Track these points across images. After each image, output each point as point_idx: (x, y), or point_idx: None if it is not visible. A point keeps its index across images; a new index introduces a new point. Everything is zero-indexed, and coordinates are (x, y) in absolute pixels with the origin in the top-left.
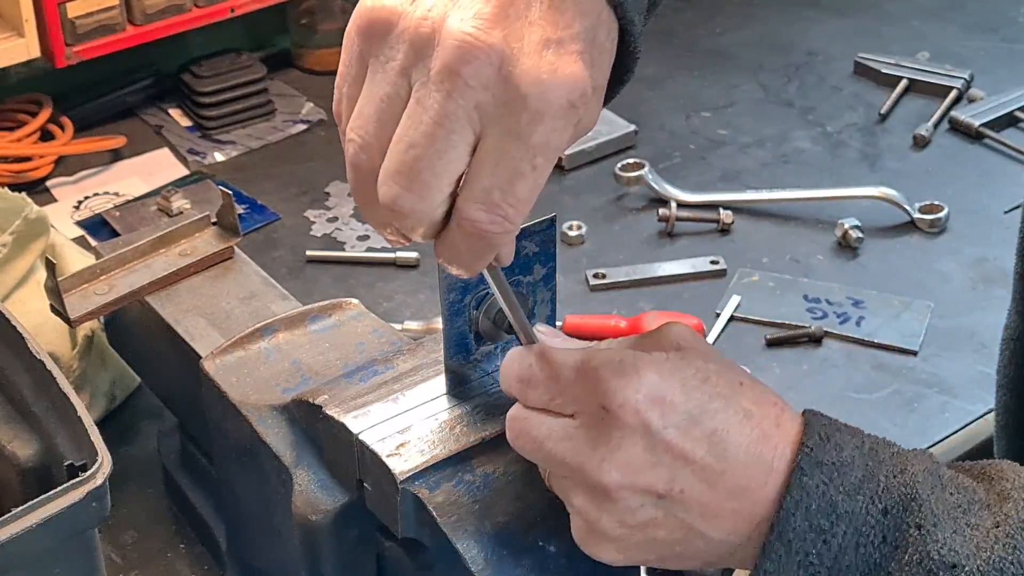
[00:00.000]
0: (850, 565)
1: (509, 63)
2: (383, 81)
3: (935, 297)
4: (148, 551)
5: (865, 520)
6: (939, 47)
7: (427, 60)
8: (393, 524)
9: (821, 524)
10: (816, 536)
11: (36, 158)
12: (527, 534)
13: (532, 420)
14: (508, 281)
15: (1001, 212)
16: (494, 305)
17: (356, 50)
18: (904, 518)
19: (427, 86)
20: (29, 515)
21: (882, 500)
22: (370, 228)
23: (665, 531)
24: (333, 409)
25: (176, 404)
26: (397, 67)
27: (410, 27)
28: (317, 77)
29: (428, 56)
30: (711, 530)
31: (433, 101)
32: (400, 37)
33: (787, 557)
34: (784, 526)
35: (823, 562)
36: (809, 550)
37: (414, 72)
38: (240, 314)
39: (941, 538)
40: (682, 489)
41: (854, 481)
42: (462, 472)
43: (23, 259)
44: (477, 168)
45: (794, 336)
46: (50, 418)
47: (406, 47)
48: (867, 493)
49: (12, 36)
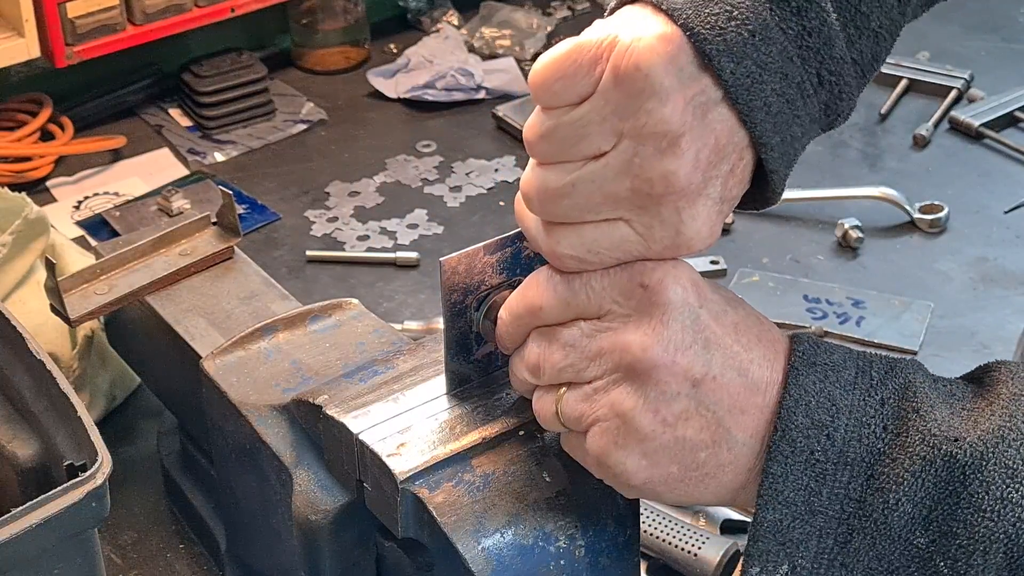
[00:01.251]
0: (854, 458)
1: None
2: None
3: (935, 297)
4: (148, 551)
5: (864, 411)
6: (939, 47)
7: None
8: (393, 524)
9: (822, 419)
10: (818, 431)
11: (36, 158)
12: (527, 534)
13: (557, 331)
14: (508, 281)
15: (1001, 212)
16: (495, 306)
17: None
18: (902, 405)
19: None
20: (29, 515)
21: (878, 392)
22: (370, 228)
23: (695, 428)
24: (333, 409)
25: (176, 404)
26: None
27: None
28: (317, 77)
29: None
30: (736, 428)
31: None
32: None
33: (793, 456)
34: (786, 424)
35: (828, 457)
36: (813, 447)
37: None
38: (240, 314)
39: (939, 417)
40: (715, 376)
41: (848, 377)
42: (462, 472)
43: (23, 259)
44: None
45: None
46: (50, 418)
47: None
48: (862, 387)
49: (12, 36)
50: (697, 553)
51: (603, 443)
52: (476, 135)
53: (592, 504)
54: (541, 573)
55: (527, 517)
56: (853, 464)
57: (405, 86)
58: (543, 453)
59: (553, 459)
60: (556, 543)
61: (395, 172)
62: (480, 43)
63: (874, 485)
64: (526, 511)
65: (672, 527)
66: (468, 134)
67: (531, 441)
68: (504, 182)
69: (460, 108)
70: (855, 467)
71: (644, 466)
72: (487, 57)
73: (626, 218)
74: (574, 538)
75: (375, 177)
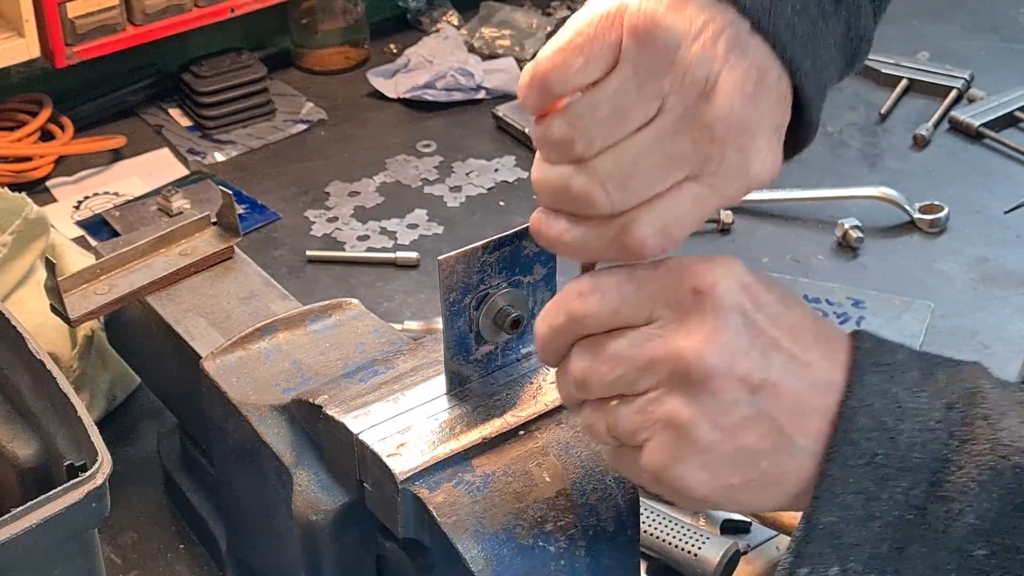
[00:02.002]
0: (918, 464)
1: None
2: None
3: (935, 297)
4: (148, 551)
5: (930, 415)
6: (939, 47)
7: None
8: (393, 525)
9: (886, 422)
10: (882, 434)
11: (36, 158)
12: (527, 534)
13: (603, 342)
14: (508, 280)
15: (1001, 212)
16: (495, 305)
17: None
18: (969, 411)
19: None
20: (29, 515)
21: (945, 396)
22: (370, 228)
23: (756, 436)
24: (333, 409)
25: (176, 404)
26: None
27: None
28: (317, 77)
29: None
30: (798, 433)
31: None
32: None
33: (854, 458)
34: (848, 425)
35: (891, 462)
36: (876, 450)
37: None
38: (240, 314)
39: (1009, 425)
40: (775, 381)
41: (914, 378)
42: (462, 472)
43: (23, 259)
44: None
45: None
46: (50, 418)
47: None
48: (929, 390)
49: (12, 36)
50: (697, 553)
51: (660, 457)
52: (476, 135)
53: (592, 504)
54: (541, 573)
55: (527, 517)
56: (916, 470)
57: (405, 86)
58: (543, 453)
59: (553, 459)
60: (556, 543)
61: (395, 172)
62: (480, 43)
63: (937, 493)
64: (526, 511)
65: (672, 527)
66: (468, 134)
67: (531, 441)
68: (504, 182)
69: (460, 108)
70: (918, 473)
71: (705, 480)
72: (487, 57)
73: (693, 175)
74: (574, 538)
75: (375, 177)
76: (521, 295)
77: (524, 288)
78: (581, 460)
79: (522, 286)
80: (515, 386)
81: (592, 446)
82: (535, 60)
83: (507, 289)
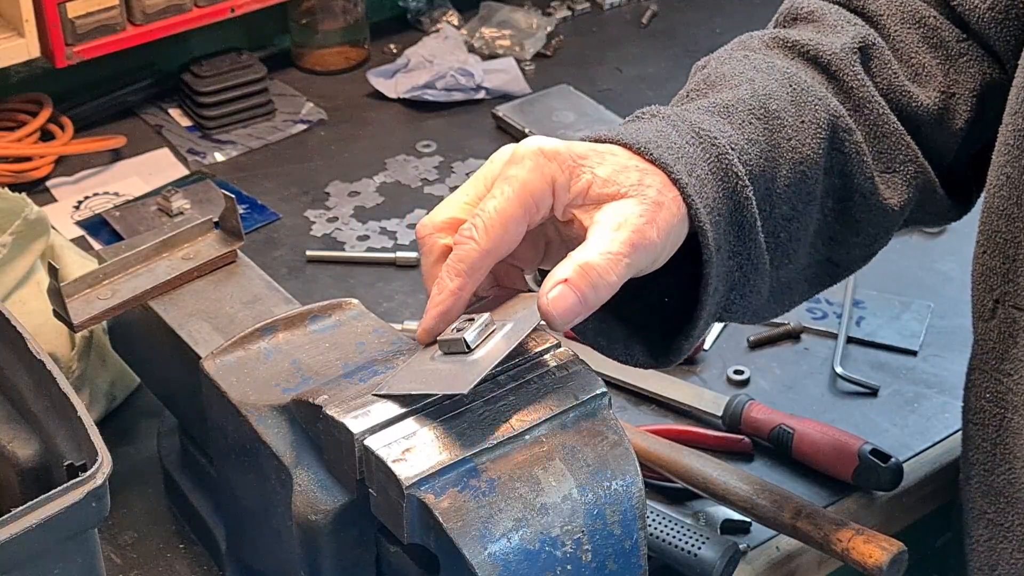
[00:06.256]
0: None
1: None
2: None
3: (935, 297)
4: (148, 551)
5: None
6: None
7: None
8: (399, 530)
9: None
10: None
11: (36, 158)
12: (533, 539)
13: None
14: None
15: None
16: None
17: None
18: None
19: None
20: (29, 515)
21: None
22: (370, 228)
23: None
24: (333, 409)
25: (178, 407)
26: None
27: None
28: (317, 77)
29: None
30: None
31: None
32: None
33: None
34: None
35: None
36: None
37: None
38: (243, 318)
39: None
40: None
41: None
42: (468, 477)
43: (23, 259)
44: None
45: (775, 335)
46: (50, 418)
47: None
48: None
49: (12, 36)
50: (697, 553)
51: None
52: (476, 135)
53: (598, 508)
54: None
55: (533, 522)
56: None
57: (405, 86)
58: (548, 457)
59: (558, 463)
60: (562, 548)
61: (395, 172)
62: (480, 43)
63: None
64: (532, 516)
65: (672, 527)
66: (468, 134)
67: (537, 446)
68: None
69: (460, 108)
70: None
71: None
72: (487, 57)
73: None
74: (580, 543)
75: (375, 177)
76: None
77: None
78: (587, 464)
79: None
80: (520, 391)
81: (598, 450)
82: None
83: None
